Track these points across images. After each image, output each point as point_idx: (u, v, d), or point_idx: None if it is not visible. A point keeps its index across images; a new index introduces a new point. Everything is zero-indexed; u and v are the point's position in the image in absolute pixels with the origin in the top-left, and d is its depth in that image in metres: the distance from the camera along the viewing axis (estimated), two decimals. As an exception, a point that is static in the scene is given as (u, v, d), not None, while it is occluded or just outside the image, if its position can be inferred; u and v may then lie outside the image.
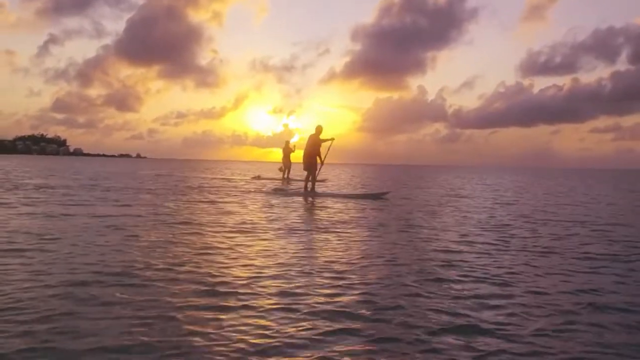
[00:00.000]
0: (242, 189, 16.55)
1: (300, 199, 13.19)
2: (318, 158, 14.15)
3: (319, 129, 14.24)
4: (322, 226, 7.74)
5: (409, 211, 10.61)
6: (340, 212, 9.84)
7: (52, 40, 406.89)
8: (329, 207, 10.83)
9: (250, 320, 3.23)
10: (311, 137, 14.21)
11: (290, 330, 3.07)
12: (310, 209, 10.82)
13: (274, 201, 12.17)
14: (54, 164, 49.23)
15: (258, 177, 24.65)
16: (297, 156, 21.74)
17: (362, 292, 3.96)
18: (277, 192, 15.06)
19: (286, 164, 22.43)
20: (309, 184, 14.32)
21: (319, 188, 17.28)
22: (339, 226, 7.78)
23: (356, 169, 61.95)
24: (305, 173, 14.41)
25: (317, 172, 14.34)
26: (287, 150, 22.25)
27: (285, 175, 22.52)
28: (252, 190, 16.00)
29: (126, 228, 7.02)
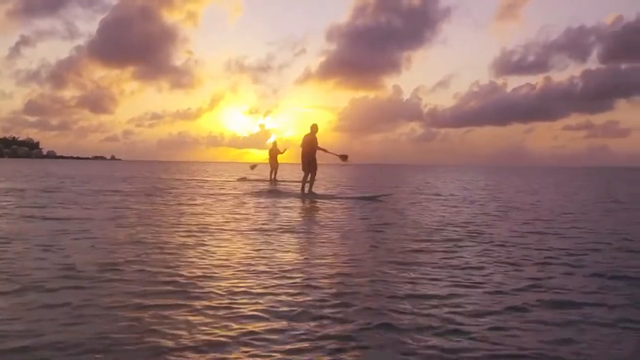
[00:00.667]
0: (233, 191, 16.18)
1: (297, 200, 12.76)
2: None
3: (314, 128, 13.49)
4: (294, 227, 7.76)
5: (377, 209, 10.73)
6: (319, 213, 9.89)
7: (24, 41, 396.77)
8: (318, 209, 10.72)
9: (193, 318, 3.25)
10: (306, 137, 13.50)
11: (232, 328, 3.11)
12: (299, 210, 10.67)
13: (263, 203, 11.94)
14: (23, 167, 48.09)
15: (244, 179, 24.43)
16: (286, 157, 21.73)
17: (311, 290, 4.01)
18: (271, 193, 14.44)
19: (273, 165, 22.27)
20: (307, 186, 13.68)
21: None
22: (310, 227, 7.84)
23: (332, 168, 62.05)
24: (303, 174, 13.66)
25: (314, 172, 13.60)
26: (274, 151, 22.07)
27: (273, 177, 22.41)
28: (246, 192, 15.33)
29: (88, 230, 6.96)
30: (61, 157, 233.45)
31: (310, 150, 13.40)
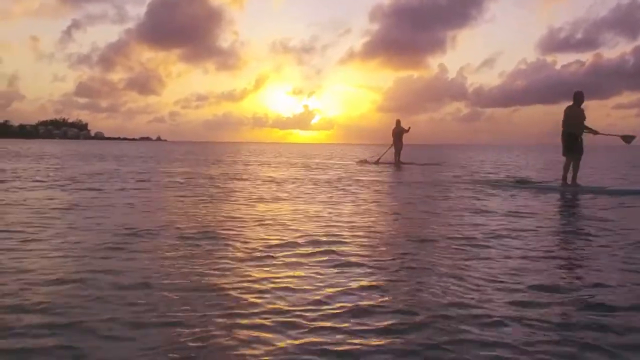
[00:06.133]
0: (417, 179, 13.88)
1: (556, 195, 9.44)
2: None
3: (579, 96, 10.04)
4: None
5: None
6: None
7: (75, 25, 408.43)
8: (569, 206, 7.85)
9: None
10: (570, 108, 10.05)
11: None
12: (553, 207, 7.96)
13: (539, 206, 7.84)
14: (65, 148, 47.31)
15: (365, 161, 22.52)
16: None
17: None
18: (521, 184, 10.85)
19: (397, 147, 20.21)
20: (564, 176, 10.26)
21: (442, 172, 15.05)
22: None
23: (379, 149, 59.20)
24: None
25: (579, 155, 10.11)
26: (398, 131, 19.99)
27: (397, 158, 20.36)
28: (470, 182, 11.95)
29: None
30: (109, 138, 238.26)
31: (570, 127, 9.94)
